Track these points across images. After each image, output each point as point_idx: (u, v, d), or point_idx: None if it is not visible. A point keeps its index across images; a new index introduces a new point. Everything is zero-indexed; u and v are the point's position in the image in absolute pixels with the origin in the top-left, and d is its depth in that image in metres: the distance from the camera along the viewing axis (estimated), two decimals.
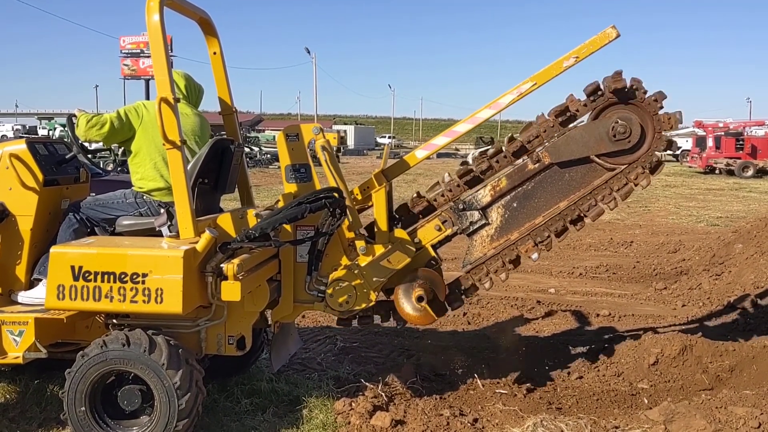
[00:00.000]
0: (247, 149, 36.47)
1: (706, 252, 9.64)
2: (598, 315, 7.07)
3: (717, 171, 33.82)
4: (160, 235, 4.15)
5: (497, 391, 4.92)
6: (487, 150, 4.74)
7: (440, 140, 4.62)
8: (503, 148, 4.59)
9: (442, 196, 4.67)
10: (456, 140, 4.73)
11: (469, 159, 4.83)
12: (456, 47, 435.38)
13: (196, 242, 3.80)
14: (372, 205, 4.51)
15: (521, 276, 8.85)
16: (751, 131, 37.43)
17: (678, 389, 4.92)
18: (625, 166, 4.44)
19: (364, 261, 4.32)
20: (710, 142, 35.37)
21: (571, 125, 4.53)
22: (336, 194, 4.06)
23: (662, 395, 4.82)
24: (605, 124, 4.39)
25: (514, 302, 7.56)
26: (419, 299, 4.31)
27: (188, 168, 4.05)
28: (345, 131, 65.77)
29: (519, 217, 4.58)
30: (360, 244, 4.30)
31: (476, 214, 4.58)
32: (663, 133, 4.39)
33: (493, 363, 5.54)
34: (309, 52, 60.74)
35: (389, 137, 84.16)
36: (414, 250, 4.45)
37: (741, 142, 34.53)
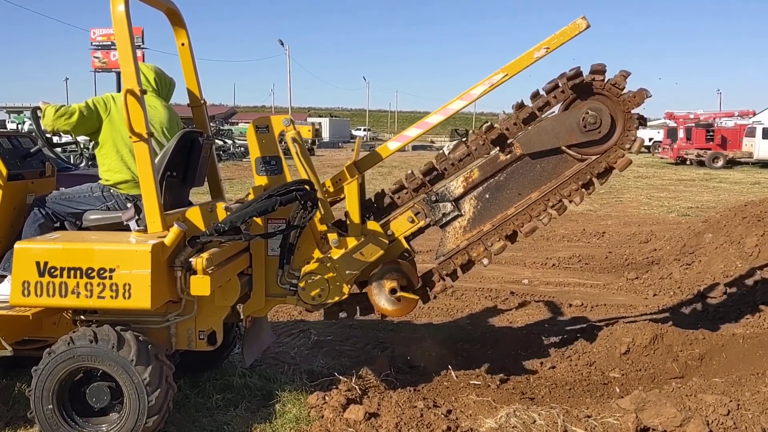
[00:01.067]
0: (220, 142, 36.40)
1: (677, 242, 9.76)
2: (570, 305, 7.13)
3: (688, 162, 34.29)
4: (128, 229, 4.08)
5: (471, 382, 4.93)
6: (455, 144, 4.74)
7: (413, 132, 4.59)
8: (479, 136, 4.58)
9: (406, 194, 4.66)
10: (428, 131, 4.71)
11: (445, 151, 4.82)
12: (431, 39, 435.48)
13: (165, 236, 3.73)
14: (344, 198, 4.48)
15: (495, 267, 8.89)
16: (721, 122, 37.93)
17: (649, 378, 4.98)
18: (596, 156, 4.47)
19: (336, 254, 4.29)
20: (681, 134, 35.83)
21: (542, 115, 4.54)
22: (307, 186, 4.02)
23: (633, 384, 4.87)
24: (575, 114, 4.41)
25: (488, 293, 7.59)
26: (392, 291, 4.32)
27: (156, 161, 3.99)
28: (320, 123, 65.51)
29: (491, 209, 4.59)
30: (332, 236, 4.27)
31: (449, 206, 4.58)
32: (633, 113, 4.41)
33: (467, 354, 5.56)
34: (283, 44, 60.44)
35: (364, 129, 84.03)
36: (387, 242, 4.44)
37: (711, 133, 35.03)
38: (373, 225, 4.43)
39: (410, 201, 4.65)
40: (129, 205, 4.14)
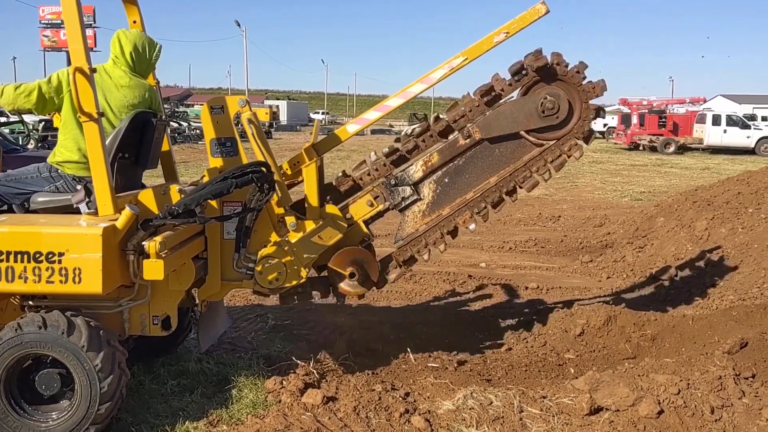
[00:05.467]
0: (175, 124, 35.76)
1: (630, 226, 9.95)
2: (527, 288, 7.21)
3: (641, 147, 34.96)
4: (78, 212, 3.96)
5: (429, 364, 4.95)
6: (413, 129, 4.74)
7: (372, 115, 4.58)
8: (430, 127, 4.59)
9: (368, 175, 4.64)
10: (388, 115, 4.69)
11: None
12: (391, 21, 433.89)
13: (116, 219, 3.64)
14: (302, 181, 4.43)
15: (453, 251, 8.94)
16: (672, 109, 38.74)
17: (603, 359, 5.07)
18: (553, 141, 4.51)
19: (294, 237, 4.25)
20: (635, 120, 36.48)
21: (501, 101, 4.55)
22: (264, 169, 3.95)
23: (588, 365, 4.95)
24: (534, 100, 4.44)
25: (446, 277, 7.62)
26: (351, 276, 4.37)
27: (107, 142, 3.87)
28: (277, 106, 64.69)
29: (451, 193, 4.60)
30: (290, 219, 4.23)
31: (408, 190, 4.57)
32: (590, 103, 4.47)
33: (426, 337, 5.58)
34: (239, 25, 59.37)
35: (323, 113, 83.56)
36: (346, 225, 4.41)
37: (663, 120, 35.77)
38: (331, 208, 4.40)
39: (369, 184, 4.63)
40: (79, 187, 4.00)
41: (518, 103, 4.50)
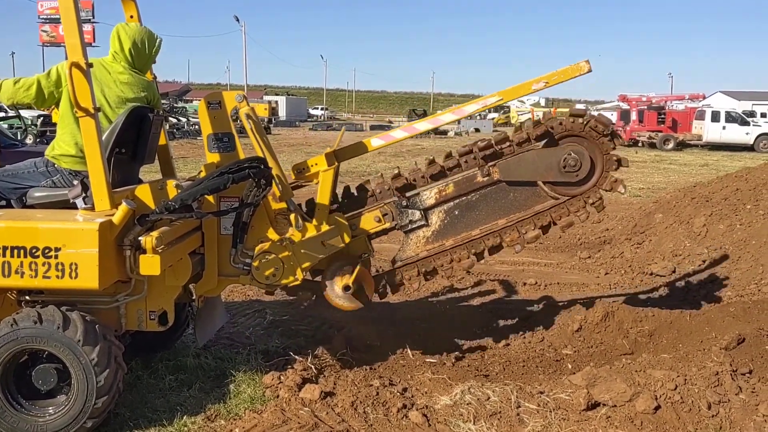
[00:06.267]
0: (174, 120, 35.67)
1: (628, 222, 9.94)
2: (525, 284, 7.21)
3: (640, 144, 34.93)
4: (74, 207, 3.95)
5: (427, 360, 4.96)
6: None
7: (398, 134, 4.67)
8: (473, 150, 4.61)
9: (386, 190, 4.65)
10: (414, 136, 4.83)
11: None
12: (391, 17, 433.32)
13: (113, 214, 3.63)
14: (315, 184, 4.44)
15: None
16: (672, 105, 38.71)
17: (600, 354, 5.07)
18: (568, 198, 4.58)
19: (297, 237, 4.24)
20: (634, 116, 36.46)
21: (529, 147, 4.59)
22: (261, 164, 3.95)
23: (585, 360, 4.95)
24: (558, 153, 4.50)
25: None
26: (345, 288, 4.39)
27: (104, 137, 3.86)
28: (276, 102, 64.65)
29: (458, 226, 4.66)
30: (297, 220, 4.23)
31: (417, 214, 4.63)
32: (611, 173, 4.57)
33: (424, 333, 5.58)
34: (238, 21, 59.43)
35: (322, 108, 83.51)
36: (350, 236, 4.43)
37: (662, 116, 35.75)
38: (339, 217, 4.40)
39: (381, 200, 4.66)
40: (75, 182, 3.99)
41: (542, 153, 4.56)
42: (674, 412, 3.89)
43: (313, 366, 4.59)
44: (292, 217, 4.23)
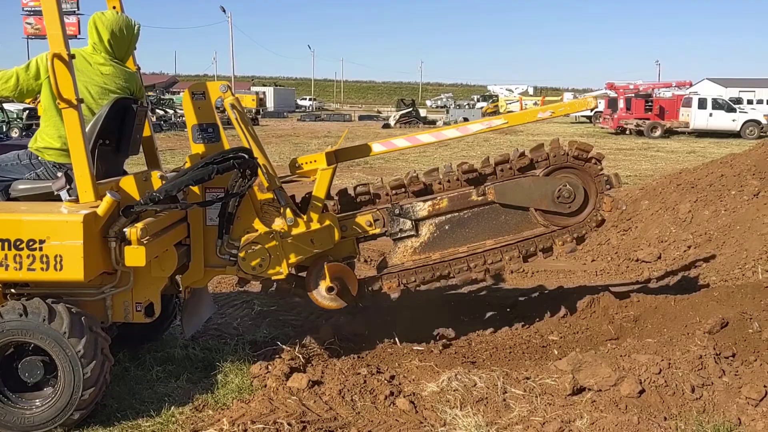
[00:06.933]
0: (161, 112, 35.53)
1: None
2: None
3: (627, 131, 35.06)
4: (59, 199, 3.94)
5: (414, 348, 4.98)
6: (409, 112, 4.83)
7: (400, 142, 4.74)
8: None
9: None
10: (417, 146, 5.00)
11: (391, 121, 4.88)
12: (378, 7, 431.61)
13: (97, 206, 3.62)
14: (311, 181, 4.47)
15: None
16: (659, 93, 38.87)
17: (586, 340, 5.11)
18: (557, 228, 4.65)
19: (285, 230, 4.24)
20: (621, 104, 36.57)
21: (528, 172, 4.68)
22: (246, 154, 3.95)
23: (571, 346, 4.99)
24: (554, 183, 4.57)
25: None
26: (329, 290, 4.41)
27: (87, 128, 3.85)
28: (264, 93, 64.30)
29: (446, 240, 4.71)
30: (288, 215, 4.23)
31: (408, 224, 4.66)
32: (600, 212, 4.69)
33: (411, 321, 5.59)
34: (225, 11, 59.02)
35: (310, 99, 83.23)
36: (339, 237, 4.44)
37: (650, 104, 35.89)
38: (331, 216, 4.41)
39: (374, 205, 4.69)
40: (59, 174, 3.97)
41: (538, 181, 4.63)
42: (658, 395, 3.94)
43: (300, 355, 4.60)
44: (285, 211, 4.23)
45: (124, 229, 3.67)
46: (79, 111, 3.64)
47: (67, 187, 3.86)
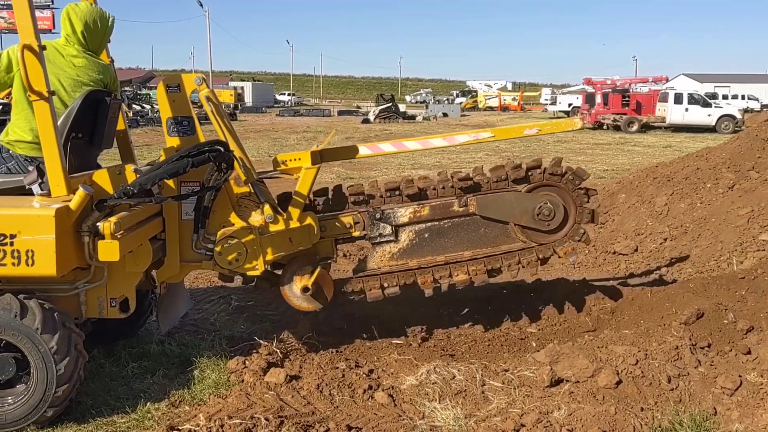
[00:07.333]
0: (137, 107, 35.14)
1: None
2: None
3: (605, 126, 35.30)
4: (30, 193, 3.87)
5: (393, 341, 4.98)
6: (389, 107, 4.84)
7: (386, 147, 4.76)
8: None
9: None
10: (403, 152, 5.01)
11: (371, 116, 4.86)
12: (356, 3, 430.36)
13: (70, 200, 3.56)
14: (295, 178, 4.42)
15: None
16: (636, 88, 39.18)
17: (564, 332, 5.14)
18: (535, 244, 4.68)
19: (261, 224, 4.20)
20: (599, 99, 36.82)
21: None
22: (222, 147, 3.90)
23: (549, 338, 5.01)
24: (535, 200, 4.60)
25: None
26: (304, 290, 4.35)
27: (59, 121, 3.78)
28: (242, 88, 63.94)
29: (424, 248, 4.70)
30: (268, 211, 4.19)
31: (388, 229, 4.64)
32: (574, 239, 4.72)
33: (391, 315, 5.58)
34: (202, 6, 58.39)
35: (289, 94, 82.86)
36: (318, 237, 4.41)
37: (627, 99, 36.17)
38: (311, 216, 4.38)
39: (355, 208, 4.67)
40: (31, 168, 3.91)
41: (520, 197, 4.65)
42: (635, 386, 3.96)
43: (278, 350, 4.57)
44: (264, 208, 4.19)
45: (98, 224, 3.61)
46: (50, 103, 3.57)
47: (39, 181, 3.79)
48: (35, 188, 3.81)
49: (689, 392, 3.94)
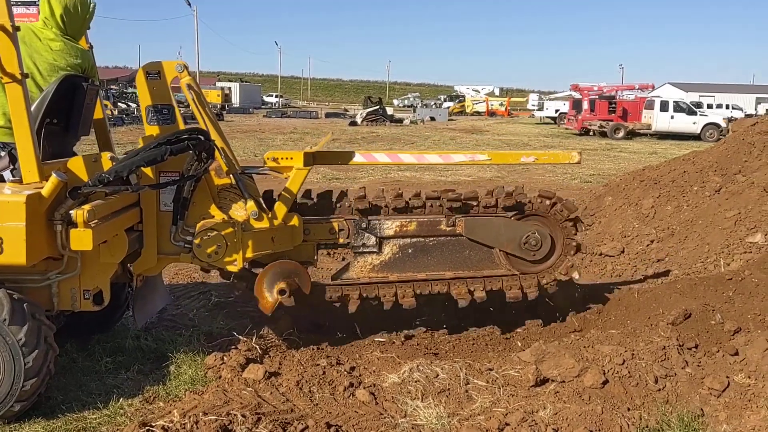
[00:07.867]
0: (123, 105, 34.86)
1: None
2: None
3: (591, 132, 35.42)
4: (1, 180, 3.74)
5: (376, 339, 4.88)
6: (377, 110, 4.78)
7: (381, 157, 4.72)
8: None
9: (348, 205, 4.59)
10: (398, 164, 4.90)
11: (358, 119, 4.80)
12: (345, 6, 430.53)
13: (42, 187, 3.43)
14: (284, 177, 4.35)
15: None
16: (622, 95, 39.34)
17: (550, 331, 5.06)
18: (518, 273, 4.64)
19: (243, 218, 4.09)
20: (585, 105, 36.94)
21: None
22: (202, 135, 3.79)
23: (535, 337, 4.94)
24: (523, 229, 4.56)
25: None
26: (281, 292, 4.24)
27: (33, 106, 3.65)
28: (230, 88, 63.58)
29: (406, 264, 4.64)
30: (252, 207, 4.08)
31: (373, 240, 4.58)
32: (561, 271, 4.69)
33: (374, 313, 5.48)
34: (190, 5, 57.92)
35: (276, 96, 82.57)
36: (301, 240, 4.33)
37: (613, 106, 36.28)
38: (297, 218, 4.28)
39: (342, 215, 4.58)
40: (2, 153, 3.77)
41: (510, 224, 4.61)
42: (622, 386, 3.89)
43: (258, 346, 4.46)
44: (248, 204, 4.08)
45: (71, 212, 3.48)
46: (23, 86, 3.44)
47: (11, 167, 3.68)
48: (6, 174, 3.69)
49: (676, 393, 3.87)
